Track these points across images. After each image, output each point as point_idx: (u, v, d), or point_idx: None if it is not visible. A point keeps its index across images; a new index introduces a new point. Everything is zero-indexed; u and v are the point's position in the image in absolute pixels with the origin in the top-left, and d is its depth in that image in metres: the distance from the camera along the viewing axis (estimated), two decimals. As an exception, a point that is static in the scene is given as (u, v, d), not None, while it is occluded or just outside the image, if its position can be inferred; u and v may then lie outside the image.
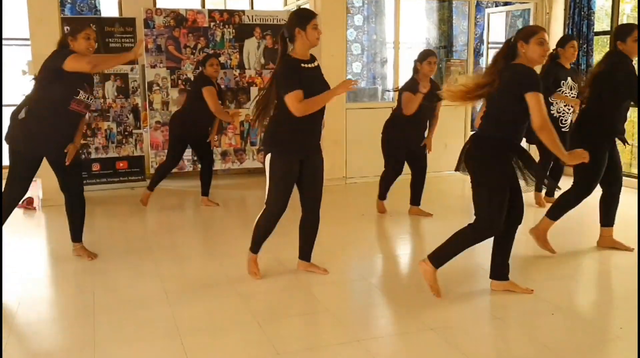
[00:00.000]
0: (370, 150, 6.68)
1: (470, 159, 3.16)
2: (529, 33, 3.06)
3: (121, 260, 4.07)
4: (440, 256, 3.23)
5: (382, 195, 5.23)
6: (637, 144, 6.54)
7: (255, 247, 3.61)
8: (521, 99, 2.93)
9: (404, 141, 4.97)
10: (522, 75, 2.99)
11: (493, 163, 3.09)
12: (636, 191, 5.39)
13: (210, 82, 5.14)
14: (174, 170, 6.33)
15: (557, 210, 3.99)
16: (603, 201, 4.07)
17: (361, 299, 3.43)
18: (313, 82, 3.30)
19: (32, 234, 4.91)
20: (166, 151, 6.34)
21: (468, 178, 3.22)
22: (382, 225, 5.04)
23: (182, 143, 5.40)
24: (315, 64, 3.38)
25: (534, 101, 2.90)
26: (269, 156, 3.38)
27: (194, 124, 5.29)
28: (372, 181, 6.50)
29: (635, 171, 5.94)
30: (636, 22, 5.80)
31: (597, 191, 4.02)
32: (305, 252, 3.69)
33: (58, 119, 3.72)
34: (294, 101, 3.20)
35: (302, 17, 3.31)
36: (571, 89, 5.06)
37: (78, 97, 3.69)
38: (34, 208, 5.47)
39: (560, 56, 5.07)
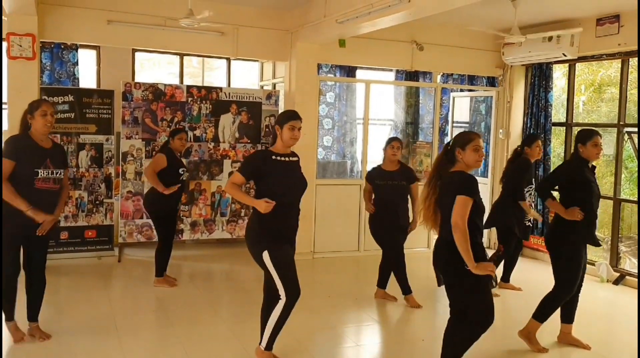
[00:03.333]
0: (339, 225, 6.89)
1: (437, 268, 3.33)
2: (465, 140, 3.28)
3: (85, 341, 4.05)
4: None
5: (381, 283, 5.28)
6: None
7: (271, 343, 3.59)
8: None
9: (384, 224, 5.09)
10: (459, 182, 3.20)
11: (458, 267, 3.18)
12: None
13: (167, 151, 5.33)
14: (142, 240, 6.39)
15: (543, 311, 4.10)
16: None
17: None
18: (284, 173, 3.53)
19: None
20: (136, 220, 6.42)
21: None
22: (347, 310, 5.10)
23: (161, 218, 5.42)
24: (294, 159, 3.65)
25: (460, 202, 3.12)
26: (265, 253, 3.46)
27: (159, 199, 5.30)
28: (339, 256, 6.67)
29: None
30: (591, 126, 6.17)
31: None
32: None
33: (30, 198, 3.76)
34: (231, 179, 3.54)
35: (282, 117, 3.62)
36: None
37: (40, 176, 3.77)
38: None
39: (527, 154, 5.36)
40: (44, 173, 3.78)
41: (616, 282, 6.11)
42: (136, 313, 4.81)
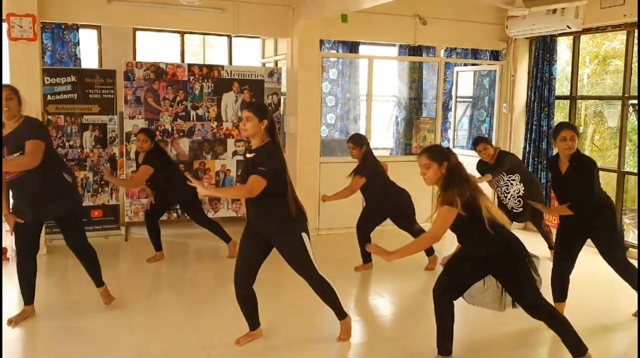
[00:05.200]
0: (343, 202, 6.89)
1: None
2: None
3: (94, 320, 4.13)
4: None
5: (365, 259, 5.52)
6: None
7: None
8: None
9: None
10: None
11: None
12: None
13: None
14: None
15: None
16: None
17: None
18: (242, 168, 3.69)
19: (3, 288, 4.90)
20: (142, 200, 6.46)
21: None
22: (352, 284, 5.18)
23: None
24: (250, 155, 3.54)
25: None
26: None
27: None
28: (344, 233, 6.70)
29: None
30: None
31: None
32: None
33: (11, 188, 3.86)
34: None
35: None
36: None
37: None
38: (7, 259, 5.48)
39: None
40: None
41: (620, 254, 6.11)
42: (145, 291, 4.88)
